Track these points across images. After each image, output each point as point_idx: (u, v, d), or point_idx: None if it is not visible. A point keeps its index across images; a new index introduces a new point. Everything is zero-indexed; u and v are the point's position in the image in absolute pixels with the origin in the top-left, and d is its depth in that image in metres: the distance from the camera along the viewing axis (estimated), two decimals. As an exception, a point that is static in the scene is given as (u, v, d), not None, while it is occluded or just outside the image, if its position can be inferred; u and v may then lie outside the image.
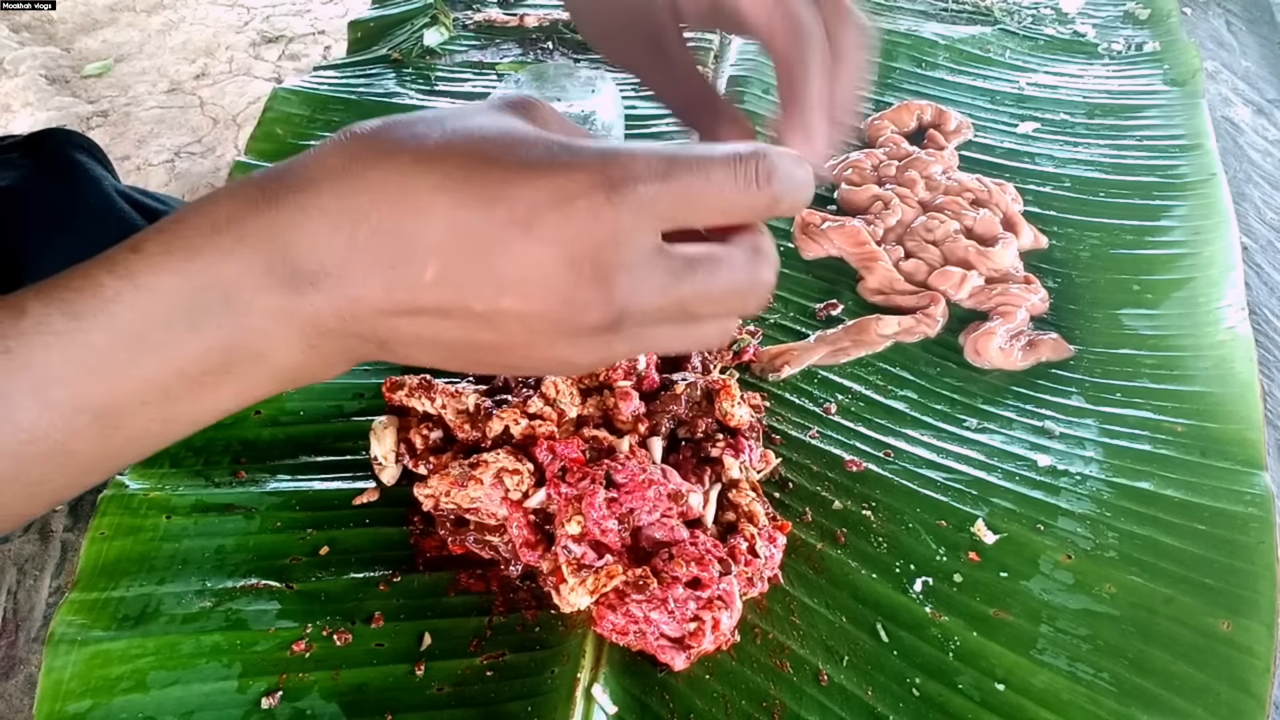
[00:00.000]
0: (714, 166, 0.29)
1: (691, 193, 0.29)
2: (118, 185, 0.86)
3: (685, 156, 0.29)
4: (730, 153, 0.30)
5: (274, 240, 0.28)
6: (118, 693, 0.44)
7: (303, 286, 0.28)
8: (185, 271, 0.28)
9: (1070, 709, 0.46)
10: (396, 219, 0.27)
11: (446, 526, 0.51)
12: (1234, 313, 0.64)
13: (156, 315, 0.28)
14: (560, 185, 0.27)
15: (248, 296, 0.28)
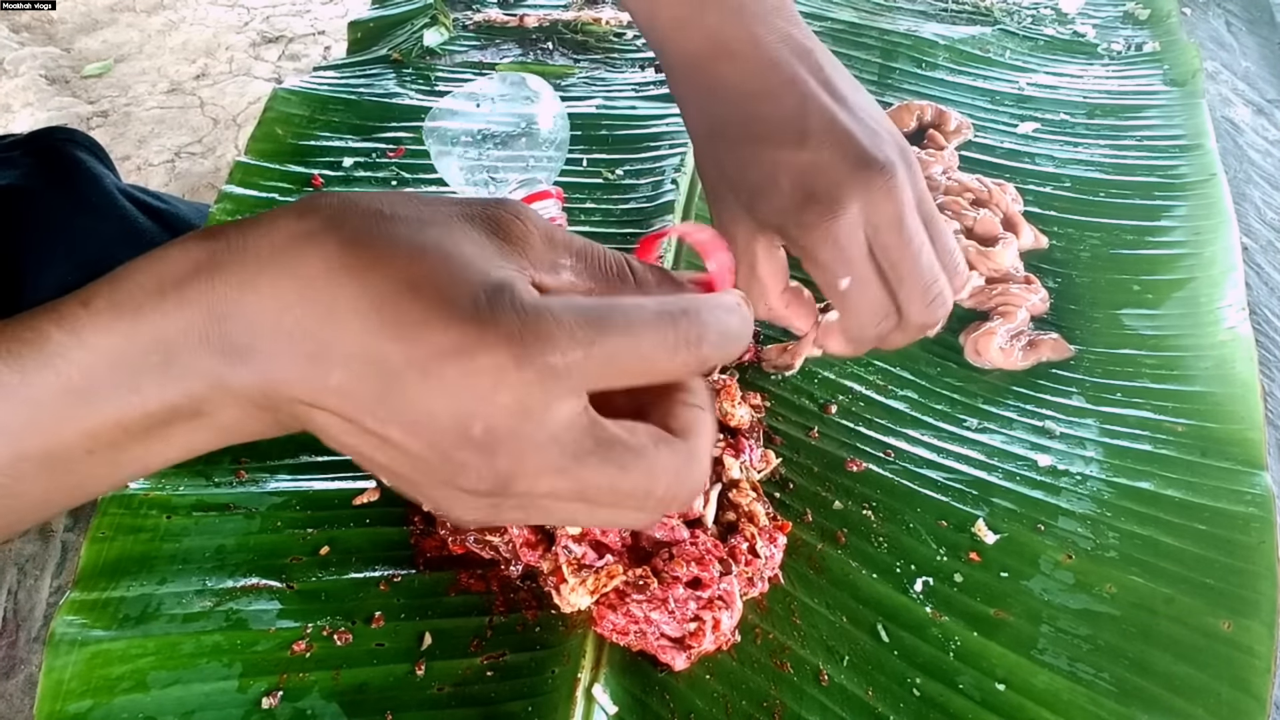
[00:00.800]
0: (643, 330, 0.28)
1: (615, 360, 0.28)
2: (119, 184, 0.86)
3: (613, 318, 0.28)
4: (660, 312, 0.29)
5: (212, 310, 0.28)
6: (118, 693, 0.44)
7: (234, 359, 0.28)
8: (129, 333, 0.28)
9: (1071, 709, 0.46)
10: (314, 320, 0.27)
11: (446, 526, 0.51)
12: (1234, 313, 0.64)
13: (100, 372, 0.28)
14: (469, 339, 0.26)
15: (186, 360, 0.28)
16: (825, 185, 0.40)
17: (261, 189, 0.73)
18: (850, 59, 0.93)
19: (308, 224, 0.28)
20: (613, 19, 0.97)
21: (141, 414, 0.29)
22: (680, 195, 0.75)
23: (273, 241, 0.28)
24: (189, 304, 0.28)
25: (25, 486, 0.30)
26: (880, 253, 0.42)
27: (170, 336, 0.28)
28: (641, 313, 0.28)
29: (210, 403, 0.29)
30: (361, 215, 0.28)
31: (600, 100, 0.86)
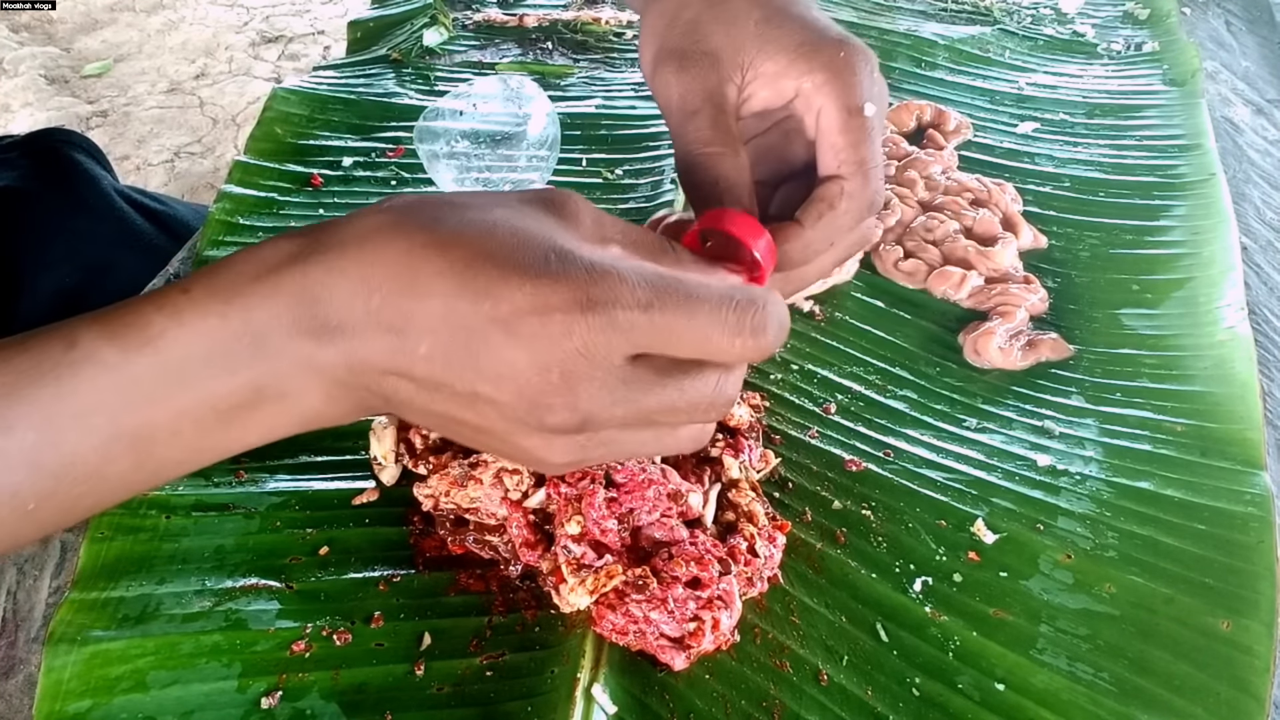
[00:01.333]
0: (702, 309, 0.31)
1: (672, 329, 0.30)
2: (116, 185, 0.86)
3: (676, 290, 0.30)
4: (725, 297, 0.31)
5: (304, 294, 0.31)
6: (118, 693, 0.44)
7: (323, 339, 0.31)
8: (224, 314, 0.31)
9: (1070, 709, 0.46)
10: (401, 294, 0.30)
11: (446, 526, 0.51)
12: (1234, 313, 0.64)
13: (196, 353, 0.31)
14: (543, 294, 0.29)
15: (277, 342, 0.31)
16: (833, 33, 0.41)
17: (261, 188, 0.73)
18: (850, 59, 0.93)
19: (388, 216, 0.31)
20: (612, 19, 0.97)
21: (230, 394, 0.31)
22: (680, 195, 0.75)
23: (358, 232, 0.31)
24: (282, 290, 0.31)
25: (113, 466, 0.31)
26: None
27: (263, 320, 0.31)
28: (704, 290, 0.31)
29: (296, 383, 0.32)
30: (435, 205, 0.32)
31: (600, 100, 0.86)
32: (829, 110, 0.39)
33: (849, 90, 0.39)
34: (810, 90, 0.39)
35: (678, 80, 0.40)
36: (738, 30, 0.40)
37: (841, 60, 0.39)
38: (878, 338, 0.65)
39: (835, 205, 0.39)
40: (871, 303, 0.68)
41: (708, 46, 0.40)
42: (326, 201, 0.73)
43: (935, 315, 0.67)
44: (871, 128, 0.39)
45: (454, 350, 0.30)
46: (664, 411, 0.33)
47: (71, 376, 0.30)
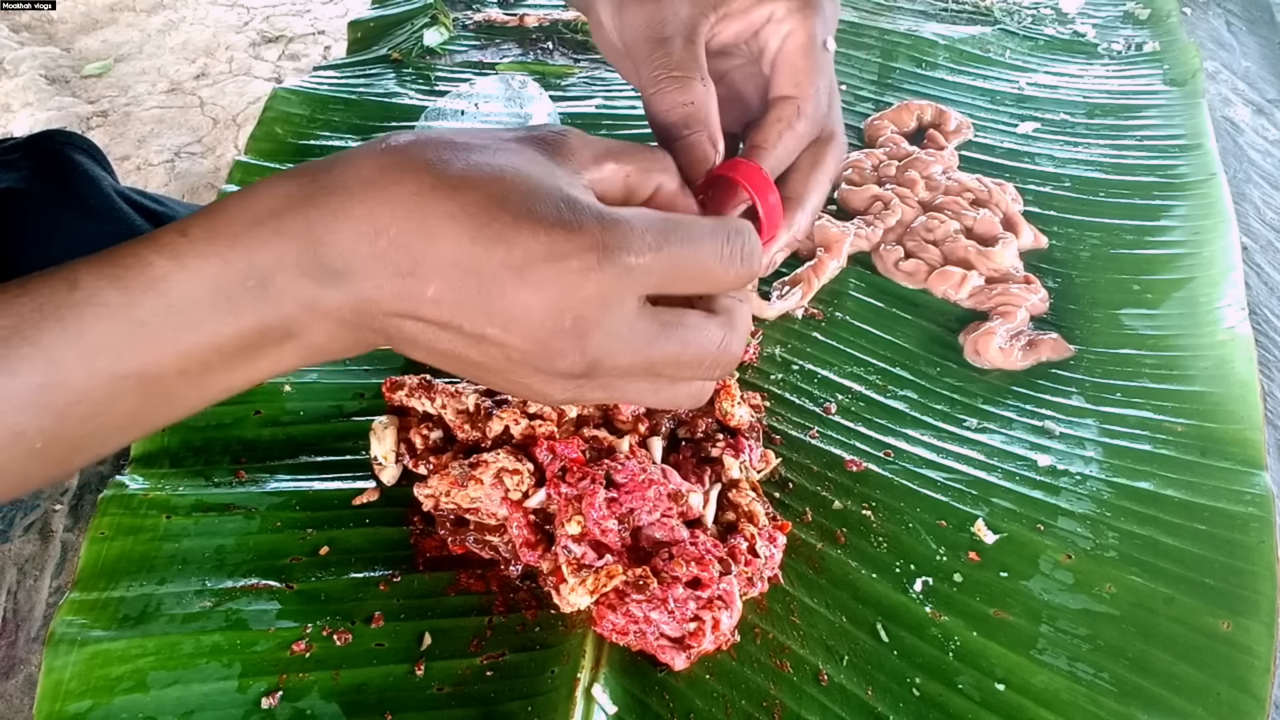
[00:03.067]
0: (703, 243, 0.32)
1: (679, 266, 0.32)
2: (117, 186, 0.85)
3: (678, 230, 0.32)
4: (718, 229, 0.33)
5: (307, 237, 0.31)
6: (118, 693, 0.44)
7: (327, 281, 0.31)
8: (227, 257, 0.30)
9: (1070, 709, 0.46)
10: (411, 236, 0.30)
11: (446, 526, 0.51)
12: (1234, 313, 0.64)
13: (200, 296, 0.31)
14: (558, 243, 0.30)
15: (281, 285, 0.31)
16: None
17: (261, 189, 0.73)
18: (850, 59, 0.93)
19: (393, 156, 0.31)
20: (612, 19, 0.97)
21: (236, 336, 0.31)
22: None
23: (360, 174, 0.31)
24: (284, 233, 0.31)
25: (119, 405, 0.32)
26: None
27: (267, 263, 0.31)
28: (701, 228, 0.33)
29: (300, 324, 0.32)
30: (438, 146, 0.31)
31: (600, 100, 0.86)
32: (796, 35, 0.41)
33: (817, 18, 0.41)
34: (783, 16, 0.41)
35: (648, 9, 0.40)
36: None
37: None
38: (878, 338, 0.65)
39: (790, 123, 0.41)
40: (871, 303, 0.68)
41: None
42: (327, 201, 0.73)
43: (935, 315, 0.67)
44: (827, 60, 0.42)
45: (464, 293, 0.30)
46: (668, 363, 0.34)
47: (76, 319, 0.30)
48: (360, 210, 0.30)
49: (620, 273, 0.30)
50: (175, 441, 0.55)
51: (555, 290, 0.30)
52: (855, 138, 0.83)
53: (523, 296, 0.30)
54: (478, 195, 0.30)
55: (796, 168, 0.42)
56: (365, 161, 0.31)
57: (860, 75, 0.91)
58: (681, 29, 0.40)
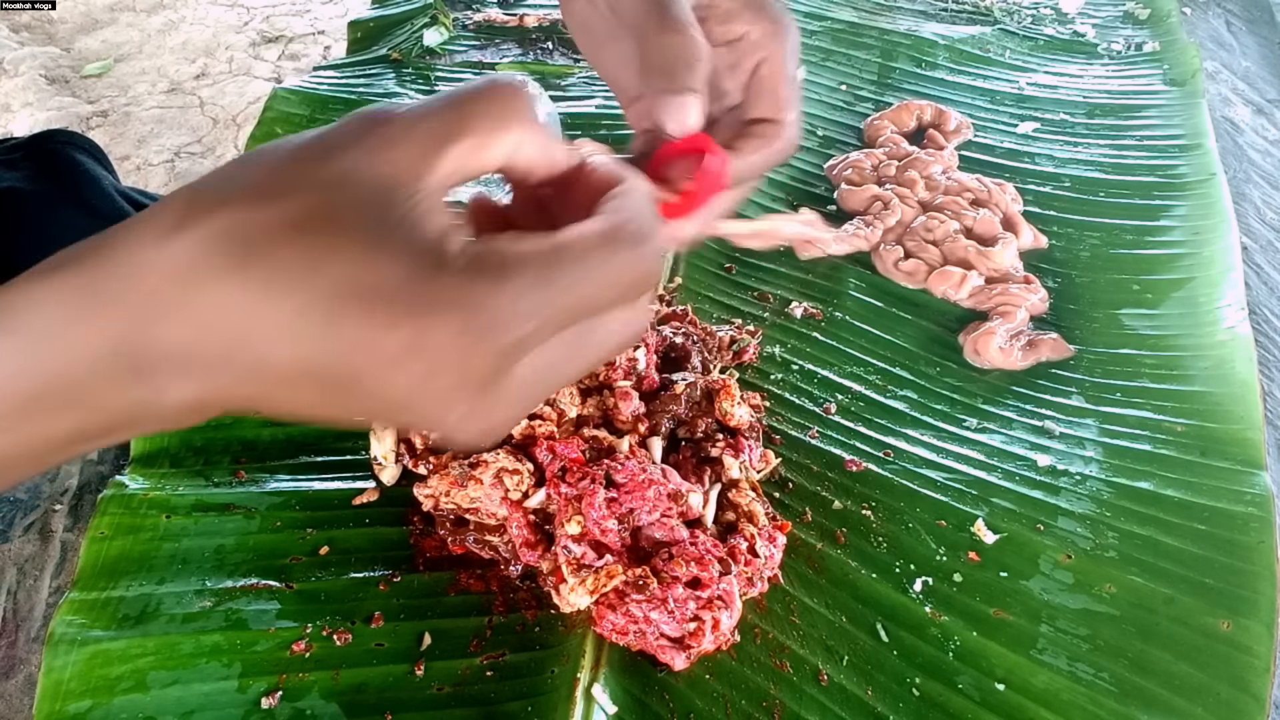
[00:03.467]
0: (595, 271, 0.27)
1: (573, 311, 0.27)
2: (118, 186, 0.86)
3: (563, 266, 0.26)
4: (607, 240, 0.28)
5: (119, 345, 0.26)
6: (118, 693, 0.44)
7: (155, 389, 0.26)
8: (30, 370, 0.26)
9: (1070, 709, 0.46)
10: (242, 350, 0.25)
11: (446, 526, 0.51)
12: (1234, 313, 0.64)
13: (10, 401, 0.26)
14: (422, 339, 0.25)
15: (99, 397, 0.26)
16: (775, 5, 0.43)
17: (261, 189, 0.73)
18: (850, 59, 0.93)
19: (193, 240, 0.25)
20: (612, 19, 0.97)
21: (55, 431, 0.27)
22: (680, 195, 0.75)
23: (163, 267, 0.25)
24: (90, 342, 0.26)
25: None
26: None
27: (77, 374, 0.26)
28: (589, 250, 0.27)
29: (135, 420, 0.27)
30: (227, 218, 0.25)
31: (600, 100, 0.86)
32: (775, 61, 0.42)
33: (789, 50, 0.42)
34: (760, 38, 0.41)
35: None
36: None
37: (786, 22, 0.42)
38: (878, 338, 0.65)
39: (770, 142, 0.42)
40: (871, 303, 0.68)
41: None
42: (327, 201, 0.73)
43: (935, 315, 0.67)
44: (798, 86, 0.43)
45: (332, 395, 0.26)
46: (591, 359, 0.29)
47: None
48: (175, 320, 0.25)
49: (505, 351, 0.26)
50: (175, 441, 0.55)
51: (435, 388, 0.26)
52: (855, 138, 0.83)
53: (400, 393, 0.26)
54: (306, 292, 0.25)
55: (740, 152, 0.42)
56: (165, 248, 0.25)
57: (860, 75, 0.91)
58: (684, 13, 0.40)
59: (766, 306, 0.67)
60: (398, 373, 0.25)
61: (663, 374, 0.57)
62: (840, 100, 0.87)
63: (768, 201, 0.76)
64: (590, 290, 0.27)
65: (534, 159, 0.30)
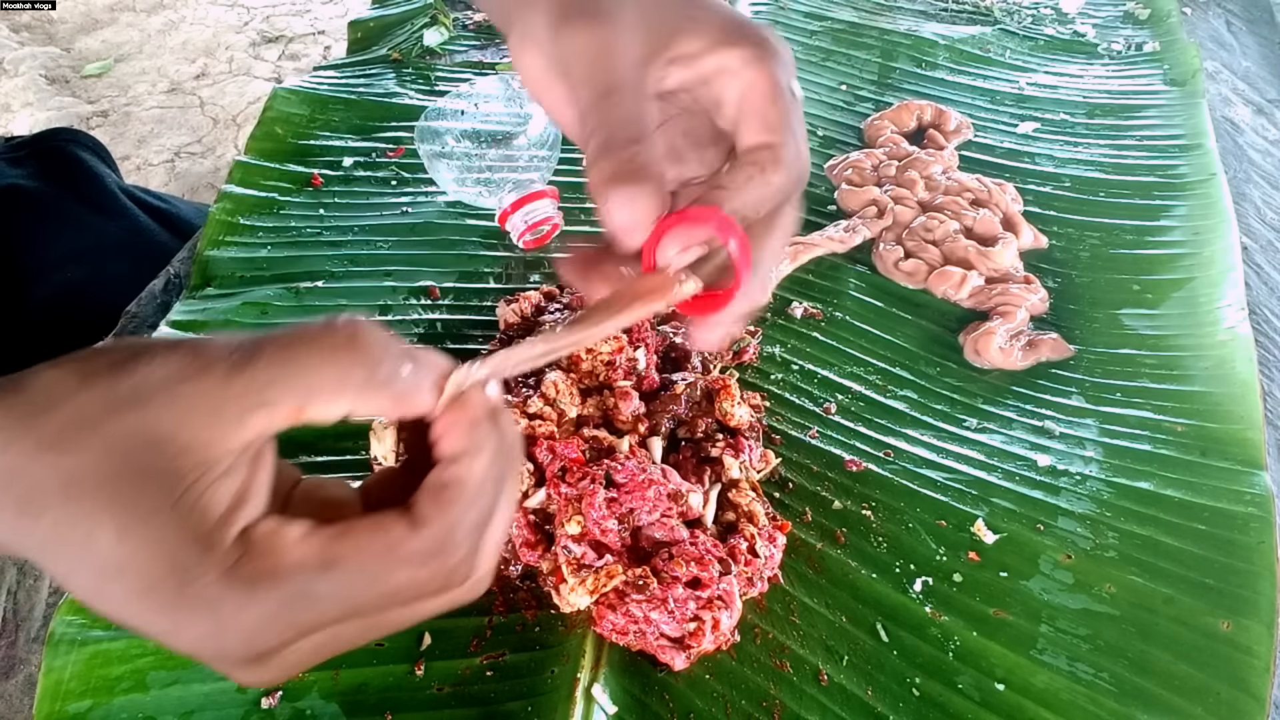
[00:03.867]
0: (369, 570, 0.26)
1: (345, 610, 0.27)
2: (121, 184, 0.86)
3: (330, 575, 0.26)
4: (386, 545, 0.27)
5: None
6: (118, 693, 0.44)
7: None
8: None
9: (1070, 709, 0.46)
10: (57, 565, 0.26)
11: (446, 526, 0.51)
12: (1234, 313, 0.64)
13: None
14: (183, 632, 0.25)
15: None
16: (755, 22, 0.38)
17: (261, 188, 0.73)
18: (850, 59, 0.93)
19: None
20: (612, 19, 0.97)
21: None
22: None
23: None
24: None
25: None
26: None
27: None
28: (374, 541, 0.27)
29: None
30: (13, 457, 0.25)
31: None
32: (759, 83, 0.36)
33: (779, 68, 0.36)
34: (738, 65, 0.36)
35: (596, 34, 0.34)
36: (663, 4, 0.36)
37: (769, 44, 0.36)
38: (878, 338, 0.65)
39: (765, 169, 0.35)
40: (871, 303, 0.68)
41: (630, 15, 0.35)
42: (327, 201, 0.73)
43: (935, 315, 0.67)
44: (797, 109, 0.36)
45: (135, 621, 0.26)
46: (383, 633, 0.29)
47: None
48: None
49: (270, 649, 0.26)
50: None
51: (201, 656, 0.26)
52: (855, 138, 0.83)
53: (183, 646, 0.26)
54: (78, 561, 0.25)
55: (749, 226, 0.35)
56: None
57: (860, 75, 0.91)
58: (632, 74, 0.35)
59: (766, 306, 0.67)
60: (168, 641, 0.26)
61: (663, 374, 0.57)
62: (840, 100, 0.87)
63: (768, 201, 0.76)
64: (365, 602, 0.27)
65: (378, 412, 0.28)
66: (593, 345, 0.55)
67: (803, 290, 0.68)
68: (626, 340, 0.56)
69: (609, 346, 0.55)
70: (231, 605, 0.25)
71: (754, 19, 0.38)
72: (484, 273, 0.68)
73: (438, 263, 0.69)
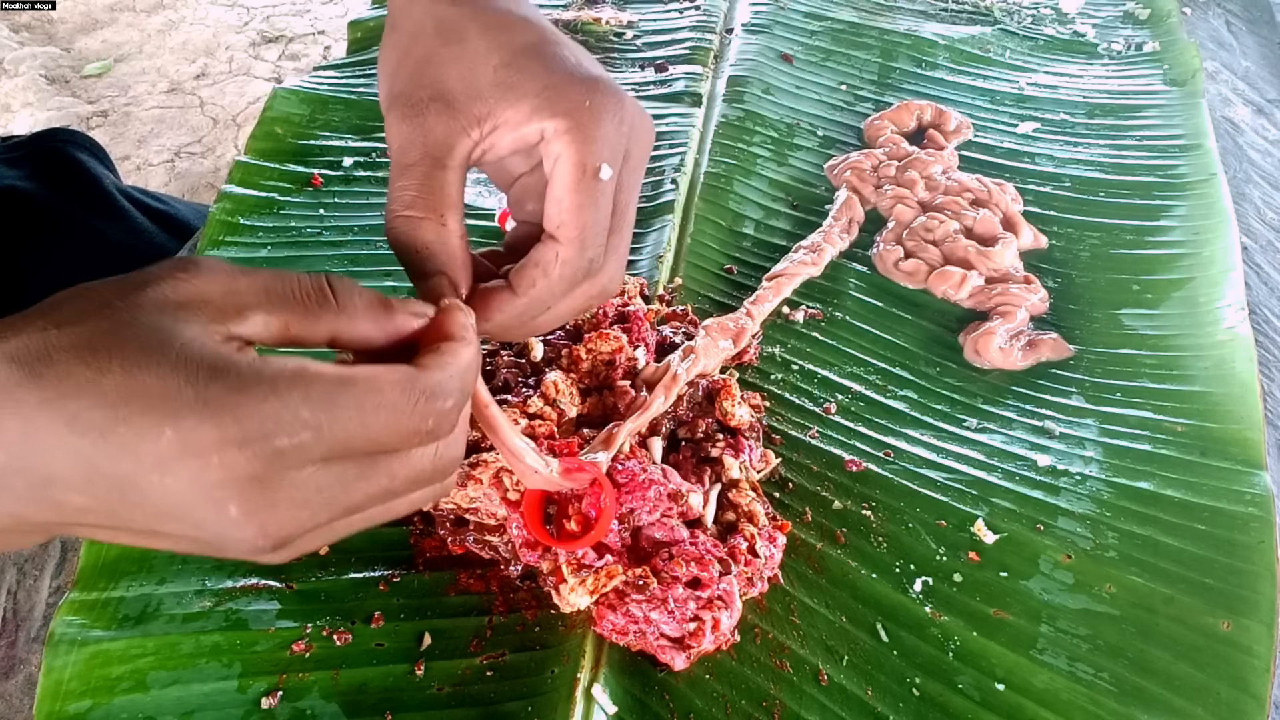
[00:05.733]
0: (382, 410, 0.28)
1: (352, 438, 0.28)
2: (120, 185, 0.86)
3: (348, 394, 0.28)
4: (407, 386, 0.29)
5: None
6: (118, 693, 0.44)
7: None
8: None
9: (1070, 709, 0.46)
10: (29, 458, 0.26)
11: (446, 526, 0.51)
12: (1234, 313, 0.64)
13: None
14: (189, 436, 0.26)
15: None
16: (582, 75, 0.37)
17: (261, 188, 0.73)
18: (850, 59, 0.93)
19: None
20: (613, 19, 0.97)
21: None
22: (680, 195, 0.75)
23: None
24: None
25: None
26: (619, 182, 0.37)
27: None
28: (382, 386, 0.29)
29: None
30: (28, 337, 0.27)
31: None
32: (563, 163, 0.36)
33: (587, 145, 0.35)
34: (551, 136, 0.36)
35: (400, 129, 0.36)
36: (476, 74, 0.36)
37: (586, 109, 0.36)
38: (878, 338, 0.65)
39: (549, 271, 0.36)
40: (871, 303, 0.68)
41: (440, 91, 0.36)
42: (327, 201, 0.73)
43: (935, 315, 0.67)
44: (601, 191, 0.36)
45: (111, 503, 0.27)
46: (377, 498, 0.30)
47: None
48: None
49: (273, 458, 0.27)
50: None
51: (204, 488, 0.26)
52: (855, 138, 0.84)
53: (172, 498, 0.26)
54: (86, 399, 0.26)
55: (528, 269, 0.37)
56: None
57: (860, 75, 0.91)
58: (430, 153, 0.35)
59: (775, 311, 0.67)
60: (168, 476, 0.26)
61: (663, 374, 0.57)
62: (840, 100, 0.87)
63: (768, 202, 0.76)
64: (363, 427, 0.28)
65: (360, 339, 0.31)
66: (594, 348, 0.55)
67: (803, 291, 0.68)
68: (626, 340, 0.56)
69: (609, 346, 0.55)
70: (247, 399, 0.26)
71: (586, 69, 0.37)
72: (484, 273, 0.68)
73: (438, 263, 0.69)
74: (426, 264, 0.35)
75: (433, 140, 0.35)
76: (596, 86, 0.36)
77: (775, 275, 0.68)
